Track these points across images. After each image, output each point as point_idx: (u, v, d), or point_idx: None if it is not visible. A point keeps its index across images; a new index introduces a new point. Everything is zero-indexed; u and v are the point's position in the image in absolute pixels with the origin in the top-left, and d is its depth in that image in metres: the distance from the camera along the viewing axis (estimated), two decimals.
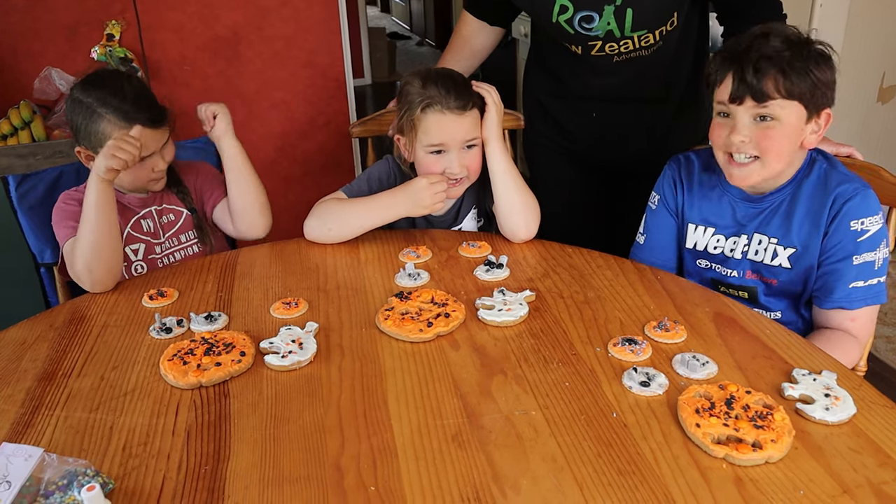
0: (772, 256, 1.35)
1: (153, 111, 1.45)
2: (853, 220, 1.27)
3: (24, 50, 2.36)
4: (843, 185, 1.29)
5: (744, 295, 1.41)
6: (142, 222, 1.53)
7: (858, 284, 1.29)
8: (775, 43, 1.21)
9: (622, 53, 1.53)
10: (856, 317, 1.30)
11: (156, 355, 1.13)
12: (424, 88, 1.42)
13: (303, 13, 2.52)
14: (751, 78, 1.21)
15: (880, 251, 1.29)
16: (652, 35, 1.50)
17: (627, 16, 1.44)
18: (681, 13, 1.52)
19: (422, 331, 1.13)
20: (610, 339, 1.12)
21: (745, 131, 1.25)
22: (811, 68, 1.21)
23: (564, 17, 1.48)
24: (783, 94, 1.22)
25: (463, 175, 1.46)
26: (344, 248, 1.47)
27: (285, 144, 2.66)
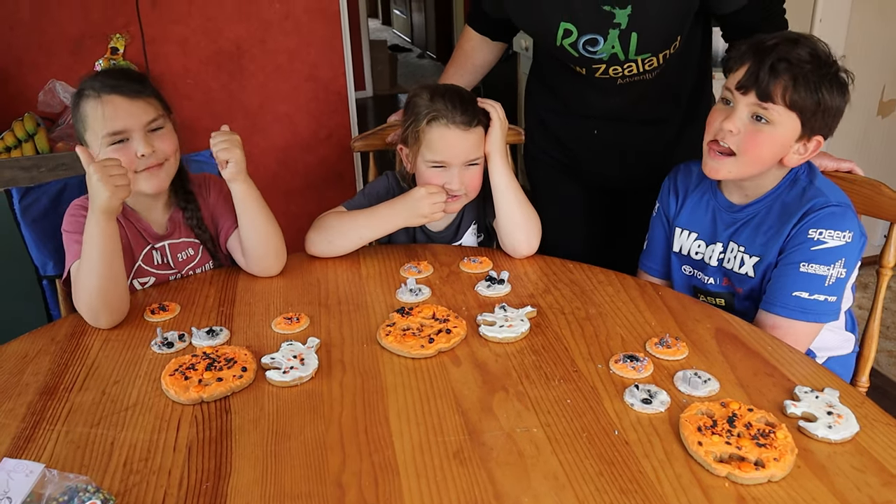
0: (739, 264, 1.36)
1: (130, 80, 1.36)
2: (812, 228, 1.25)
3: (29, 62, 2.38)
4: (817, 199, 1.27)
5: (721, 302, 1.42)
6: (153, 254, 1.45)
7: (802, 295, 1.25)
8: (801, 52, 1.21)
9: (626, 76, 1.54)
10: (778, 326, 1.26)
11: (157, 370, 1.13)
12: (432, 102, 1.43)
13: (305, 27, 2.53)
14: (763, 74, 1.21)
15: (835, 269, 1.25)
16: (656, 58, 1.50)
17: (632, 40, 1.45)
18: (684, 36, 1.52)
19: (423, 347, 1.13)
20: (611, 355, 1.12)
21: (739, 123, 1.26)
22: (823, 89, 1.21)
23: (569, 41, 1.49)
24: (786, 102, 1.22)
25: (461, 193, 1.46)
26: (345, 263, 1.47)
27: (287, 157, 2.67)
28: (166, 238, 1.46)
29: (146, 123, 1.34)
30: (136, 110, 1.33)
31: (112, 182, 1.23)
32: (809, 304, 1.25)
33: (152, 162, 1.35)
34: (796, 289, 1.26)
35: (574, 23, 1.46)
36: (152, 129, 1.36)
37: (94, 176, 1.23)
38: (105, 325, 1.27)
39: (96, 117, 1.33)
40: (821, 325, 1.29)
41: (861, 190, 1.40)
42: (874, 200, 1.39)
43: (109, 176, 1.23)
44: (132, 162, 1.33)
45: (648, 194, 1.56)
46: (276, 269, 1.44)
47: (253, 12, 2.48)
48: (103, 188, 1.23)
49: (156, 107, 1.38)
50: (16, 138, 2.17)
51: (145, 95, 1.36)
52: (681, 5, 1.46)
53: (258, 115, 2.60)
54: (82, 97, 1.34)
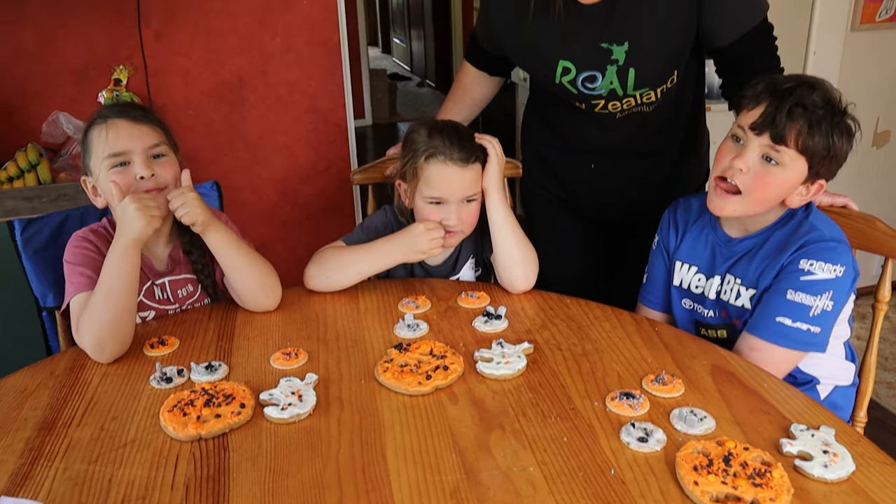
0: (736, 296, 1.37)
1: (132, 107, 1.39)
2: (804, 258, 1.27)
3: (32, 93, 2.40)
4: (812, 234, 1.29)
5: (722, 334, 1.43)
6: (154, 289, 1.46)
7: (784, 321, 1.26)
8: (816, 98, 1.24)
9: (624, 110, 1.56)
10: (757, 349, 1.28)
11: (156, 405, 1.13)
12: (430, 138, 1.45)
13: (306, 59, 2.56)
14: (780, 118, 1.23)
15: (821, 300, 1.26)
16: (654, 92, 1.53)
17: (630, 75, 1.47)
18: (681, 70, 1.55)
19: (420, 384, 1.13)
20: (608, 392, 1.12)
21: (750, 163, 1.27)
22: (834, 136, 1.24)
23: (567, 78, 1.51)
24: (798, 146, 1.24)
25: (459, 229, 1.48)
26: (343, 297, 1.48)
27: (287, 188, 2.68)
28: (167, 274, 1.47)
29: (148, 147, 1.36)
30: (138, 133, 1.36)
31: (149, 212, 1.28)
32: (791, 331, 1.27)
33: (151, 186, 1.36)
34: (780, 314, 1.27)
35: (572, 60, 1.49)
36: (154, 154, 1.37)
37: (132, 206, 1.27)
38: (108, 357, 1.27)
39: (100, 140, 1.35)
40: (800, 354, 1.30)
41: (856, 225, 1.41)
42: (869, 235, 1.41)
43: (146, 206, 1.28)
44: (130, 185, 1.34)
45: (646, 227, 1.57)
46: (270, 304, 1.44)
47: (255, 45, 2.51)
48: (139, 217, 1.27)
49: (160, 134, 1.40)
50: (18, 168, 2.19)
51: (151, 122, 1.39)
52: (677, 40, 1.49)
53: (258, 145, 2.62)
54: (90, 126, 1.37)
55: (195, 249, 1.47)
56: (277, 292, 1.44)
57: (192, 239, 1.47)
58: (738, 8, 1.46)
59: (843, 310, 1.31)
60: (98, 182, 1.38)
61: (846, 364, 1.44)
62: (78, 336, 1.30)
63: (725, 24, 1.47)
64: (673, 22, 1.45)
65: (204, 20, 2.45)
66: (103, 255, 1.36)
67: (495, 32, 1.60)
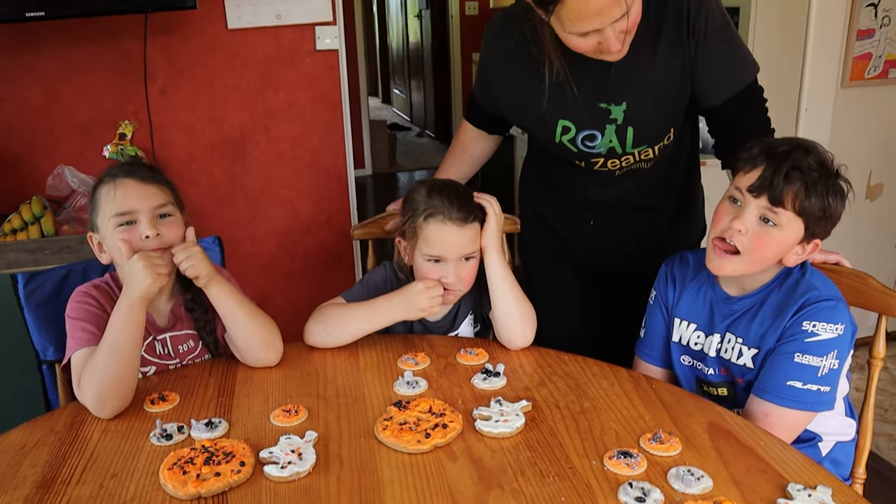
0: (738, 355, 1.39)
1: (141, 167, 1.42)
2: (807, 320, 1.30)
3: (39, 147, 2.45)
4: (811, 293, 1.32)
5: (723, 392, 1.44)
6: (156, 344, 1.47)
7: (795, 384, 1.28)
8: (811, 161, 1.27)
9: (623, 168, 1.59)
10: (771, 413, 1.29)
11: (156, 463, 1.14)
12: (429, 198, 1.48)
13: (308, 115, 2.62)
14: (778, 181, 1.26)
15: (828, 360, 1.28)
16: (652, 150, 1.56)
17: (629, 134, 1.51)
18: (677, 127, 1.58)
19: (420, 442, 1.14)
20: (605, 451, 1.13)
21: (748, 224, 1.30)
22: (829, 197, 1.28)
23: (567, 137, 1.54)
24: (795, 208, 1.28)
25: (457, 287, 1.50)
26: (343, 353, 1.49)
27: (287, 241, 2.71)
28: (168, 330, 1.48)
29: (154, 207, 1.38)
30: (146, 193, 1.38)
31: (156, 269, 1.31)
32: (802, 393, 1.28)
33: (156, 245, 1.38)
34: (790, 378, 1.29)
35: (572, 120, 1.52)
36: (160, 214, 1.40)
37: (140, 263, 1.30)
38: (110, 413, 1.28)
39: (108, 199, 1.38)
40: (812, 414, 1.32)
41: (849, 282, 1.43)
42: (862, 292, 1.43)
43: (154, 264, 1.31)
44: (136, 244, 1.36)
45: (644, 282, 1.59)
46: (271, 359, 1.44)
47: (258, 101, 2.57)
48: (147, 275, 1.30)
49: (167, 195, 1.42)
50: (23, 220, 2.22)
51: (158, 182, 1.41)
52: (673, 100, 1.53)
53: (260, 199, 2.66)
54: (99, 184, 1.40)
55: (197, 307, 1.49)
56: (279, 347, 1.45)
57: (195, 297, 1.49)
58: (728, 71, 1.51)
59: (844, 365, 1.33)
60: (104, 239, 1.40)
61: (846, 420, 1.45)
62: (79, 391, 1.31)
63: (716, 85, 1.51)
64: (668, 82, 1.49)
65: (208, 76, 2.51)
66: (106, 310, 1.37)
67: (494, 94, 1.65)
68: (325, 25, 2.54)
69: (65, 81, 2.42)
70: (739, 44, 1.52)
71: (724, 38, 1.48)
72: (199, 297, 1.49)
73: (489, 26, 1.61)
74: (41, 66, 2.39)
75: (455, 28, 6.46)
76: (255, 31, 2.51)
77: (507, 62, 1.56)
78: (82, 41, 2.38)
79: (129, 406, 1.31)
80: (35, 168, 2.44)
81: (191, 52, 2.48)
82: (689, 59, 1.46)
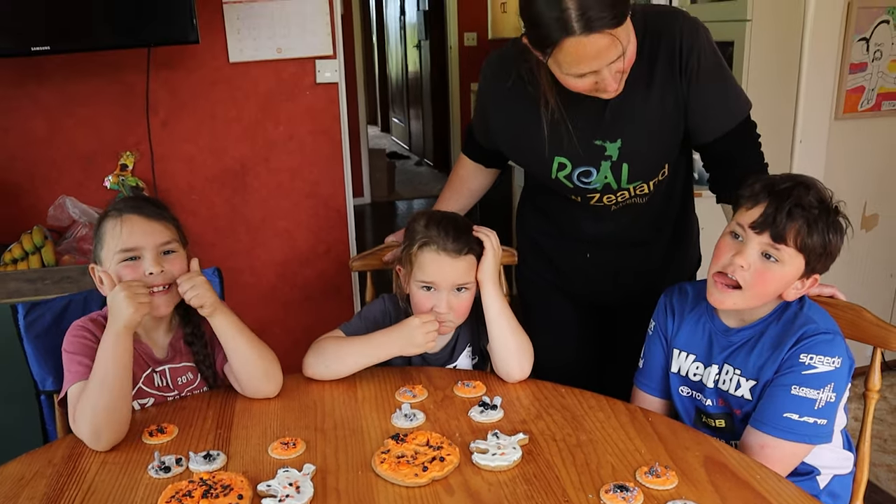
0: (736, 386, 1.39)
1: (147, 203, 1.44)
2: (804, 353, 1.31)
3: (41, 177, 2.47)
4: (809, 326, 1.33)
5: (721, 424, 1.44)
6: (154, 377, 1.48)
7: (792, 416, 1.29)
8: (812, 198, 1.29)
9: (619, 203, 1.61)
10: (768, 445, 1.30)
11: (153, 496, 1.14)
12: (427, 228, 1.51)
13: (308, 147, 2.64)
14: (780, 218, 1.28)
15: (825, 393, 1.29)
16: (647, 185, 1.58)
17: (623, 170, 1.53)
18: (671, 162, 1.61)
19: (417, 475, 1.14)
20: (602, 484, 1.13)
21: (750, 259, 1.32)
22: (830, 234, 1.30)
23: (563, 174, 1.56)
24: (798, 244, 1.29)
25: (449, 318, 1.52)
26: (341, 386, 1.49)
27: (286, 271, 2.73)
28: (167, 362, 1.49)
29: (159, 244, 1.41)
30: (151, 230, 1.40)
31: (136, 299, 1.31)
32: (799, 425, 1.29)
33: (160, 281, 1.40)
34: (787, 410, 1.30)
35: (567, 157, 1.54)
36: (165, 251, 1.42)
37: (121, 294, 1.31)
38: (105, 445, 1.28)
39: (113, 234, 1.39)
40: (809, 447, 1.32)
41: (843, 315, 1.44)
42: (857, 325, 1.44)
43: (135, 294, 1.31)
44: (139, 279, 1.38)
45: (641, 313, 1.60)
46: (270, 390, 1.45)
47: (259, 133, 2.60)
48: (128, 305, 1.30)
49: (172, 231, 1.44)
50: (23, 250, 2.23)
51: (164, 219, 1.43)
52: (667, 137, 1.55)
53: (259, 229, 2.67)
54: (104, 218, 1.42)
55: (197, 341, 1.50)
56: (279, 379, 1.46)
57: (195, 330, 1.50)
58: (720, 109, 1.53)
59: (842, 398, 1.34)
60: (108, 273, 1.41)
61: (844, 453, 1.45)
62: (74, 425, 1.31)
63: (708, 122, 1.53)
64: (662, 120, 1.51)
65: (210, 109, 2.54)
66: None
67: (491, 130, 1.67)
68: (325, 59, 2.58)
69: (68, 113, 2.45)
70: (732, 83, 1.55)
71: (717, 77, 1.51)
72: (199, 330, 1.50)
73: (486, 64, 1.64)
74: (45, 98, 2.42)
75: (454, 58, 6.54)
76: (257, 65, 2.54)
77: (504, 100, 1.59)
78: (86, 74, 2.42)
79: (126, 438, 1.31)
80: (36, 198, 2.46)
81: (193, 85, 2.51)
82: (682, 97, 1.49)
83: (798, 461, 1.34)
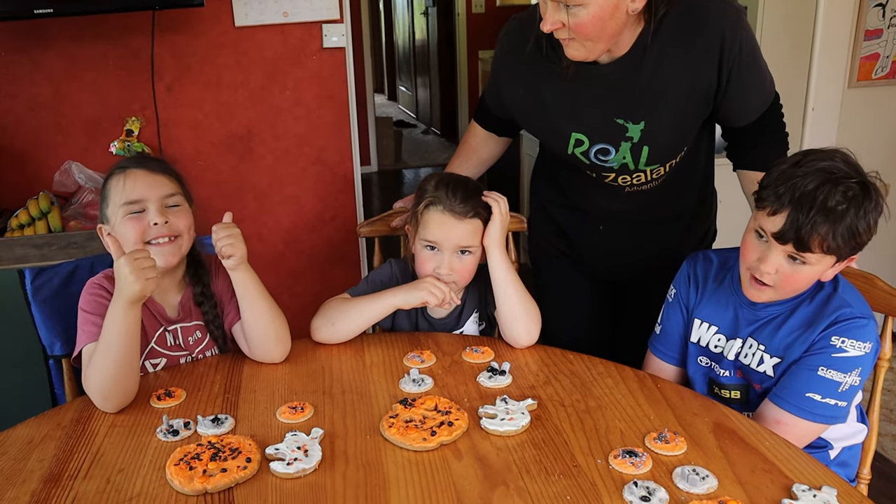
0: (758, 362, 1.37)
1: (151, 159, 1.44)
2: (836, 336, 1.28)
3: (46, 143, 2.46)
4: (844, 310, 1.30)
5: (736, 395, 1.43)
6: (166, 336, 1.48)
7: (814, 397, 1.28)
8: (839, 196, 1.19)
9: (633, 185, 1.58)
10: (784, 422, 1.29)
11: (162, 458, 1.14)
12: (436, 189, 1.51)
13: (315, 113, 2.62)
14: (805, 229, 1.20)
15: (850, 376, 1.27)
16: (663, 168, 1.55)
17: (643, 152, 1.50)
18: (690, 146, 1.57)
19: (425, 440, 1.14)
20: (611, 450, 1.13)
21: (776, 266, 1.27)
22: (859, 227, 1.21)
23: (580, 150, 1.53)
24: (825, 250, 1.23)
25: (451, 279, 1.51)
26: (349, 350, 1.49)
27: (293, 238, 2.72)
28: (178, 321, 1.49)
29: (163, 196, 1.41)
30: (155, 182, 1.41)
31: (144, 275, 1.28)
32: (820, 406, 1.28)
33: (164, 232, 1.40)
34: (810, 390, 1.28)
35: (586, 133, 1.51)
36: (169, 204, 1.42)
37: (126, 268, 1.28)
38: (113, 408, 1.29)
39: (117, 189, 1.40)
40: (824, 427, 1.31)
41: (855, 283, 1.42)
42: (868, 293, 1.42)
43: (141, 269, 1.28)
44: (144, 231, 1.38)
45: (652, 285, 1.59)
46: (278, 354, 1.45)
47: (265, 98, 2.57)
48: (134, 280, 1.27)
49: (175, 185, 1.44)
50: (29, 216, 2.23)
51: (167, 172, 1.43)
52: (692, 121, 1.51)
53: (266, 195, 2.66)
54: (109, 177, 1.42)
55: (206, 301, 1.50)
56: (287, 344, 1.46)
57: (204, 290, 1.50)
58: (755, 96, 1.50)
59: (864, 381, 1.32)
60: (114, 230, 1.41)
61: (857, 426, 1.44)
62: (85, 385, 1.32)
63: (745, 109, 1.51)
64: (690, 106, 1.47)
65: (216, 74, 2.51)
66: None
67: (506, 99, 1.63)
68: (332, 23, 2.54)
69: (72, 78, 2.42)
70: (764, 65, 1.50)
71: (755, 63, 1.46)
72: (208, 290, 1.50)
73: (505, 30, 1.59)
74: (49, 63, 2.40)
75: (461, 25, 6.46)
76: (263, 29, 2.51)
77: (522, 66, 1.54)
78: (90, 38, 2.39)
79: (135, 402, 1.32)
80: (42, 164, 2.45)
81: (198, 50, 2.48)
82: (721, 84, 1.44)
83: (812, 439, 1.33)
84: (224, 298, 1.52)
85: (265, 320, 1.44)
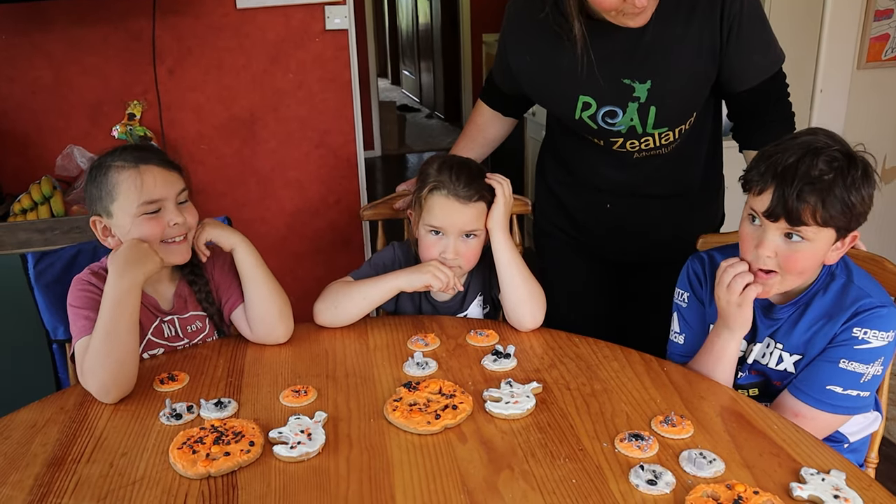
0: (777, 361, 1.35)
1: (162, 154, 1.42)
2: (858, 327, 1.25)
3: (48, 127, 2.45)
4: (864, 300, 1.26)
5: (754, 392, 1.40)
6: (163, 327, 1.47)
7: (836, 389, 1.25)
8: (822, 165, 1.17)
9: (642, 150, 1.57)
10: (803, 414, 1.26)
11: (165, 442, 1.14)
12: (439, 172, 1.49)
13: (318, 96, 2.60)
14: (791, 202, 1.17)
15: (873, 367, 1.25)
16: (672, 133, 1.54)
17: (650, 113, 1.49)
18: (699, 111, 1.56)
19: (429, 423, 1.14)
20: (617, 433, 1.12)
21: (773, 247, 1.24)
22: (851, 196, 1.18)
23: (588, 113, 1.52)
24: (818, 221, 1.19)
25: (456, 263, 1.50)
26: (353, 334, 1.48)
27: (296, 222, 2.71)
28: (174, 313, 1.48)
29: (177, 193, 1.39)
30: (171, 180, 1.39)
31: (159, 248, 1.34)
32: (840, 398, 1.25)
33: (182, 231, 1.39)
34: (832, 383, 1.26)
35: (593, 95, 1.50)
36: (180, 201, 1.40)
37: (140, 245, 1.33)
38: (114, 399, 1.27)
39: (133, 187, 1.35)
40: (845, 418, 1.29)
41: (864, 265, 1.41)
42: (879, 276, 1.40)
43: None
44: (163, 231, 1.37)
45: (658, 267, 1.57)
46: (282, 333, 1.45)
47: (267, 82, 2.55)
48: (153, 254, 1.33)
49: (183, 180, 1.43)
50: (32, 201, 2.22)
51: (176, 168, 1.42)
52: (698, 83, 1.50)
53: (269, 179, 2.65)
54: (111, 169, 1.36)
55: (199, 279, 1.49)
56: (290, 323, 1.46)
57: (194, 269, 1.49)
58: (759, 56, 1.48)
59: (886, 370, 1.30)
60: (123, 229, 1.37)
61: (872, 414, 1.43)
62: (82, 378, 1.29)
63: (746, 70, 1.49)
64: (696, 63, 1.46)
65: (217, 57, 2.49)
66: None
67: (514, 68, 1.61)
68: (334, 5, 2.51)
69: (74, 61, 2.41)
70: (770, 30, 1.49)
71: (758, 23, 1.45)
72: (198, 269, 1.49)
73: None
74: (50, 46, 2.38)
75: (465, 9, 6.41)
76: (265, 11, 2.48)
77: (529, 33, 1.53)
78: (91, 21, 2.37)
79: (138, 386, 1.31)
80: (44, 148, 2.44)
81: (199, 32, 2.46)
82: (722, 42, 1.43)
83: (831, 431, 1.30)
84: (222, 286, 1.51)
85: (267, 297, 1.44)
